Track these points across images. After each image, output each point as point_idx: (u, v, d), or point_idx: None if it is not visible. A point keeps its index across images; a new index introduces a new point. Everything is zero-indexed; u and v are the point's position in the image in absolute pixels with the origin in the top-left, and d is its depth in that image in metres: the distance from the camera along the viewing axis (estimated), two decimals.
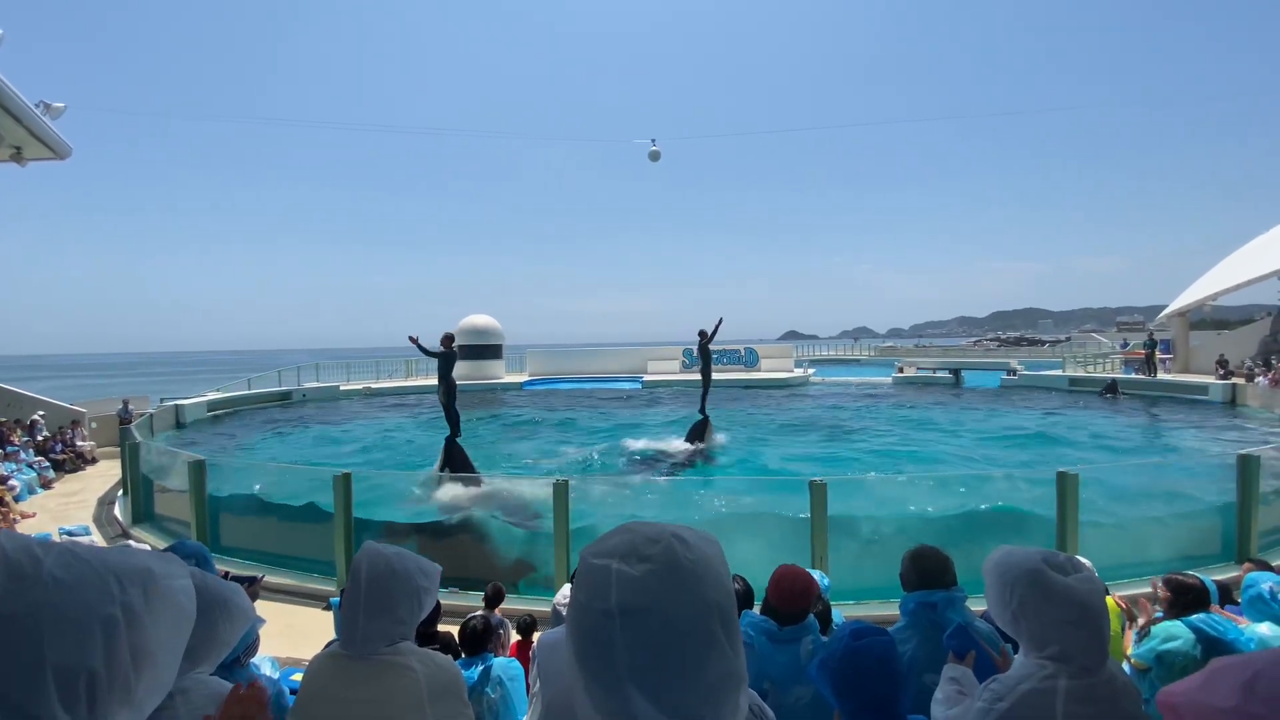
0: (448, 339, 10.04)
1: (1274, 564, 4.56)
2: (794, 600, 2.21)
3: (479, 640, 3.01)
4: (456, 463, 10.02)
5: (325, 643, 3.29)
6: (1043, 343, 56.58)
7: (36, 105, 10.31)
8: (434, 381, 10.50)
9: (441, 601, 4.00)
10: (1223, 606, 3.34)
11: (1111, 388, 22.24)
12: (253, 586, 3.24)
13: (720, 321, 12.33)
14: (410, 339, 9.47)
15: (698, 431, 12.79)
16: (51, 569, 0.71)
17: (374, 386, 26.34)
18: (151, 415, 14.33)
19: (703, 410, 12.84)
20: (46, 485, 11.41)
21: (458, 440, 10.24)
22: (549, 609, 4.54)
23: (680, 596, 0.71)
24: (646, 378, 29.44)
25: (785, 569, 2.30)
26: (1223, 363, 22.64)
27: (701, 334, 12.47)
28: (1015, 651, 1.64)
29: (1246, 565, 4.01)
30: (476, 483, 8.79)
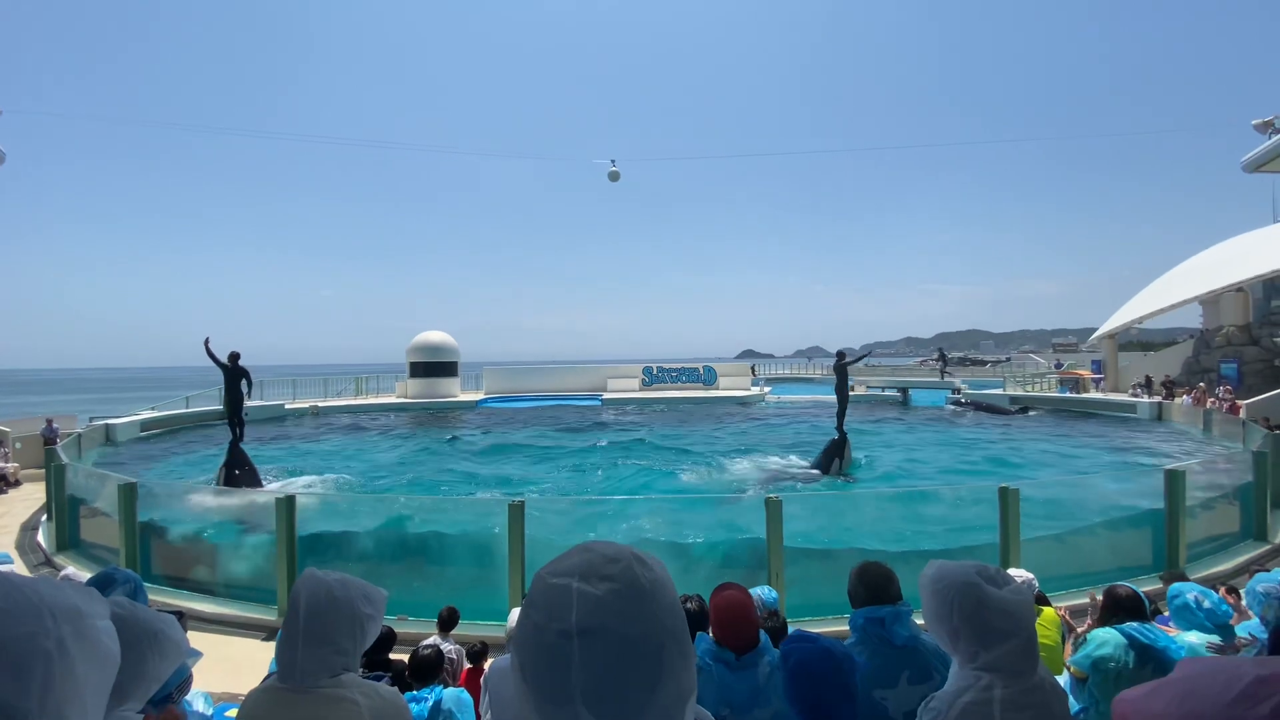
0: (233, 356, 11.66)
1: (1192, 576, 4.81)
2: (740, 632, 2.19)
3: (429, 670, 2.91)
4: (241, 466, 11.70)
5: (263, 675, 3.14)
6: (984, 363, 58.81)
7: None
8: (387, 399, 10.94)
9: (395, 630, 3.89)
10: (1151, 618, 3.50)
11: (1022, 407, 24.55)
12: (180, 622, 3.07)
13: (870, 352, 13.13)
14: (205, 341, 11.24)
15: (835, 449, 12.92)
16: None
17: (321, 405, 25.49)
18: (80, 435, 13.54)
19: (840, 428, 13.00)
20: None
21: (240, 445, 11.90)
22: (501, 634, 4.45)
23: (639, 617, 0.71)
24: (606, 395, 29.37)
25: (720, 600, 2.24)
26: (1146, 383, 24.32)
27: (840, 355, 12.99)
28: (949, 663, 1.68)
29: (1167, 576, 4.22)
30: (253, 486, 10.96)
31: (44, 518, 9.41)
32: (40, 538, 8.73)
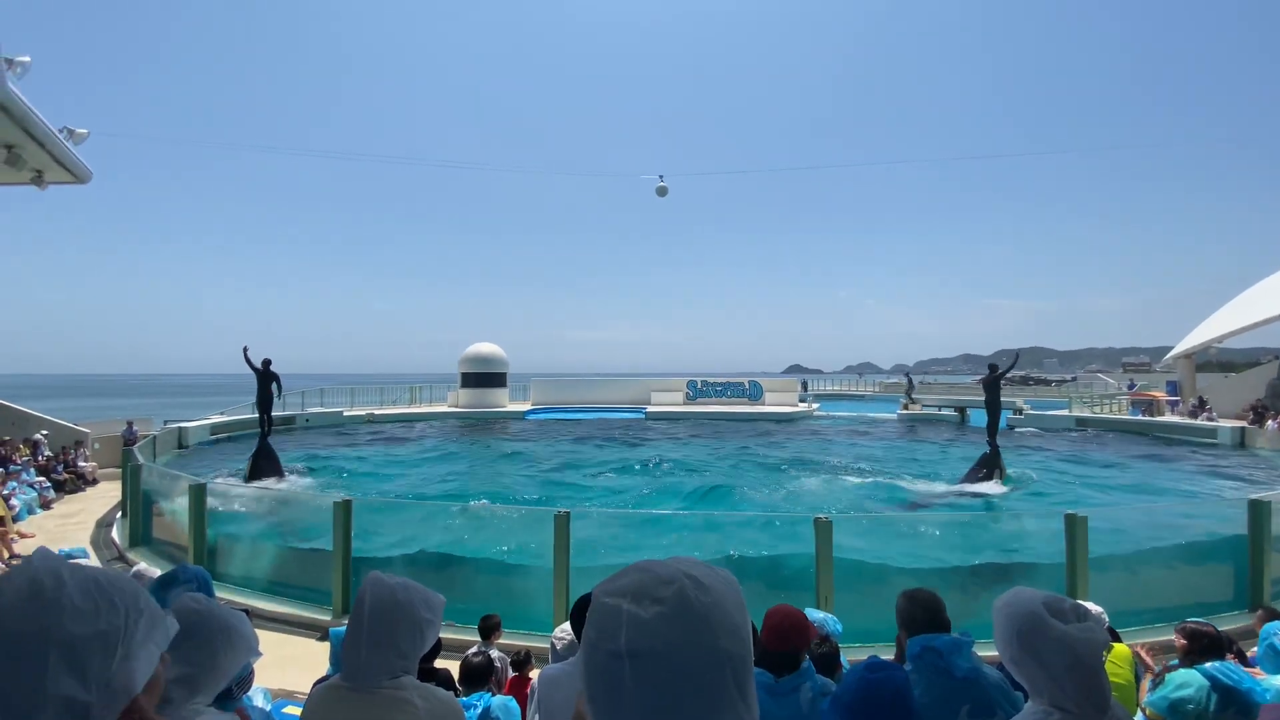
0: (265, 362, 13.46)
1: None
2: (787, 639, 2.13)
3: (480, 676, 2.94)
4: (266, 457, 13.54)
5: (318, 674, 3.22)
6: (1049, 382, 56.32)
7: (60, 130, 10.55)
8: (440, 408, 11.56)
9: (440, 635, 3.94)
10: (1235, 654, 3.26)
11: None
12: None
13: (1018, 357, 13.66)
14: (243, 349, 13.01)
15: (989, 461, 13.06)
16: (71, 594, 0.71)
17: (377, 413, 26.35)
18: (154, 437, 14.32)
19: (992, 441, 13.21)
20: (46, 506, 11.34)
21: (268, 439, 13.74)
22: (544, 643, 4.45)
23: (690, 643, 0.68)
24: (650, 408, 29.40)
25: (777, 608, 2.22)
26: (1200, 404, 23.03)
27: (993, 367, 13.27)
28: (1025, 698, 1.60)
29: (1260, 613, 3.92)
30: (274, 475, 13.28)
31: (119, 515, 9.98)
32: (114, 534, 9.24)
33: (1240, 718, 2.47)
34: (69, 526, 10.05)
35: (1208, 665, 2.60)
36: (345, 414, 25.11)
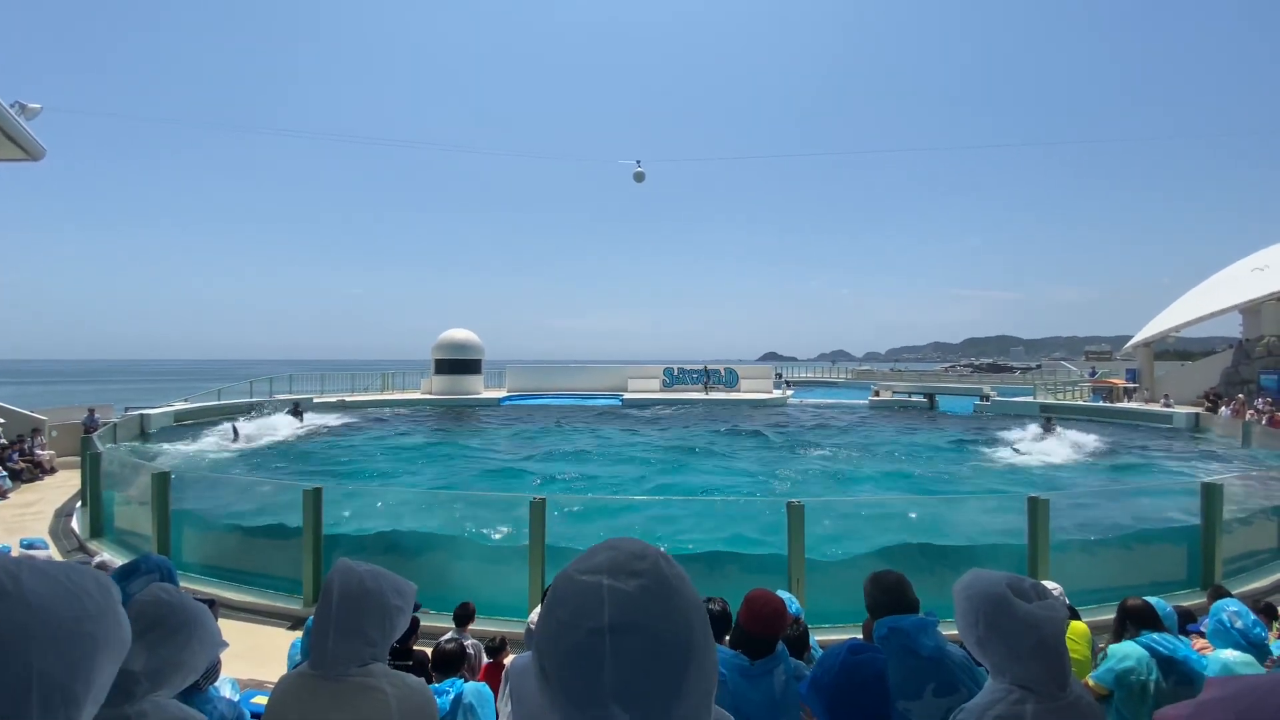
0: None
1: (1234, 591, 4.68)
2: (767, 624, 2.16)
3: (453, 663, 2.93)
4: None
5: (286, 664, 3.18)
6: (1014, 370, 57.67)
7: (11, 105, 10.09)
8: (412, 395, 11.70)
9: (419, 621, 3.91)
10: (1185, 630, 3.40)
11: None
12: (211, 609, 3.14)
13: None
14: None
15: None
16: (31, 586, 0.70)
17: (348, 399, 25.93)
18: (115, 424, 13.90)
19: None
20: (2, 495, 10.96)
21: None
22: (519, 629, 4.46)
23: (669, 613, 0.70)
24: (626, 395, 29.41)
25: (757, 592, 2.25)
26: (1211, 395, 23.62)
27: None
28: (986, 674, 1.64)
29: (1211, 591, 4.09)
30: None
31: (78, 504, 9.69)
32: (74, 524, 8.98)
33: (1182, 687, 2.56)
34: (26, 517, 9.74)
35: (1142, 637, 2.70)
36: (315, 400, 24.66)
